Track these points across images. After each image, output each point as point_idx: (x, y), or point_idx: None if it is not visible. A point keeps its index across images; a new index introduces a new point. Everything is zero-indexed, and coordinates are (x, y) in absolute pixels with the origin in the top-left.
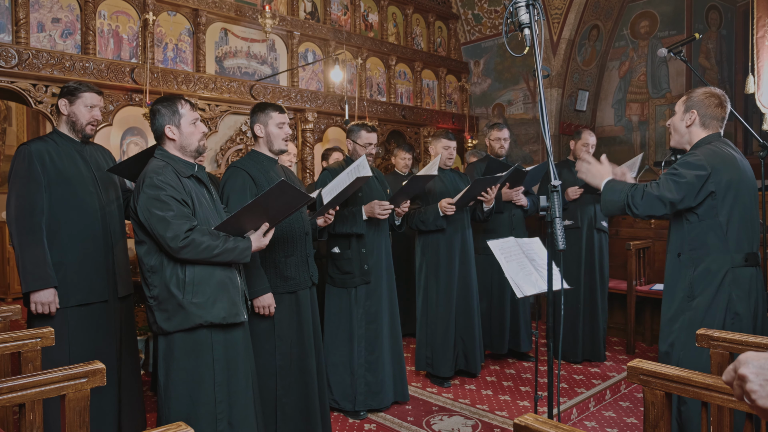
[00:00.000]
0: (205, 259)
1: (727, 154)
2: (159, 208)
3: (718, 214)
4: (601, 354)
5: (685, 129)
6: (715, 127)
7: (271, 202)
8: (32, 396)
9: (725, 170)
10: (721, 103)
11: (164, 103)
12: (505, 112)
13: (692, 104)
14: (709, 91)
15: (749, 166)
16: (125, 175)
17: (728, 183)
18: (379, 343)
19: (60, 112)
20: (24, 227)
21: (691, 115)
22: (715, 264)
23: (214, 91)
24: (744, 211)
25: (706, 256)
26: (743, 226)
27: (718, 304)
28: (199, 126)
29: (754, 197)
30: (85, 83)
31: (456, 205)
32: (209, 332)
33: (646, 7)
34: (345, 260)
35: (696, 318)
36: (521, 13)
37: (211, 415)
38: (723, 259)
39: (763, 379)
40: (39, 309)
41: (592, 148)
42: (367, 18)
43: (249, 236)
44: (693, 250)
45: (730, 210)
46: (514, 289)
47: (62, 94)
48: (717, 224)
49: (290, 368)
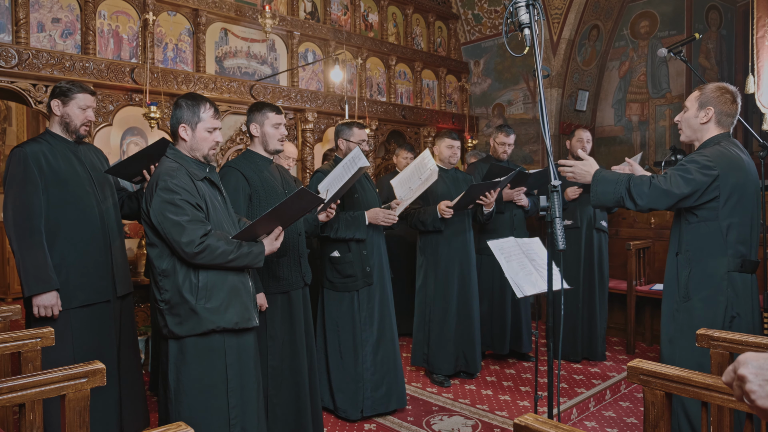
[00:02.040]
0: (220, 264)
1: (734, 155)
2: (173, 212)
3: (718, 217)
4: (601, 354)
5: (700, 126)
6: (727, 126)
7: (288, 209)
8: (32, 396)
9: (732, 173)
10: (734, 99)
11: (189, 100)
12: (505, 112)
13: (707, 101)
14: (723, 87)
15: (754, 166)
16: (122, 175)
17: (733, 187)
18: (384, 345)
19: (52, 113)
20: (23, 231)
21: (707, 112)
22: (711, 266)
23: (214, 91)
24: (745, 216)
25: (703, 258)
26: (744, 231)
27: (712, 307)
28: (215, 135)
29: (757, 200)
30: (78, 83)
31: (454, 209)
32: (222, 337)
33: (646, 7)
34: (346, 264)
35: (690, 319)
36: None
37: (225, 421)
38: (720, 262)
39: (762, 380)
40: (42, 312)
41: (587, 143)
42: (367, 18)
43: (262, 240)
44: (690, 251)
45: (731, 214)
46: (515, 289)
47: (55, 95)
48: (717, 227)
49: (281, 368)
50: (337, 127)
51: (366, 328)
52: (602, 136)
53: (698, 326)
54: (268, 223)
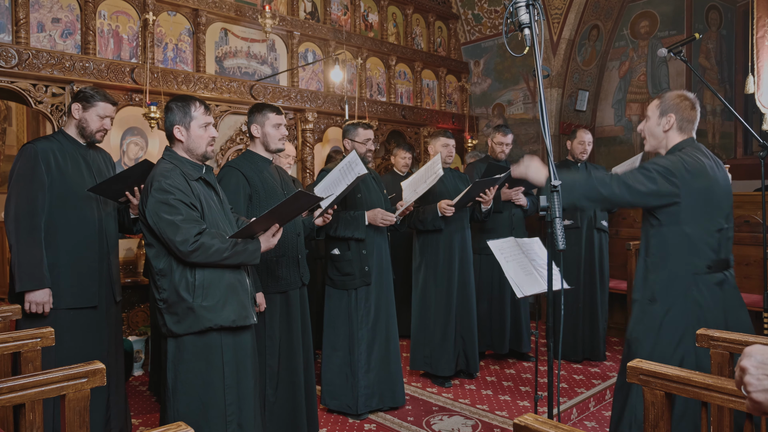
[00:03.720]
0: (215, 262)
1: (697, 161)
2: (168, 212)
3: (680, 222)
4: (602, 354)
5: (663, 134)
6: (689, 131)
7: (286, 210)
8: (32, 396)
9: (695, 180)
10: (693, 105)
11: (178, 102)
12: (505, 112)
13: (668, 108)
14: (682, 94)
15: (723, 173)
16: (106, 194)
17: (697, 192)
18: (379, 344)
19: (71, 115)
20: (24, 227)
21: (668, 119)
22: (675, 271)
23: (214, 91)
24: (711, 221)
25: (668, 262)
26: (710, 235)
27: (677, 312)
28: (210, 131)
29: (722, 205)
30: (102, 92)
31: (455, 206)
32: (219, 335)
33: (646, 7)
34: (345, 262)
35: (654, 322)
36: (521, 13)
37: (222, 418)
38: (684, 266)
39: (761, 374)
40: (33, 309)
41: (588, 145)
42: (367, 18)
43: (258, 237)
44: (655, 255)
45: (695, 219)
46: (514, 289)
47: (77, 99)
48: (679, 231)
49: (278, 368)
50: (344, 128)
51: (362, 326)
52: (602, 136)
53: (661, 329)
54: (266, 223)
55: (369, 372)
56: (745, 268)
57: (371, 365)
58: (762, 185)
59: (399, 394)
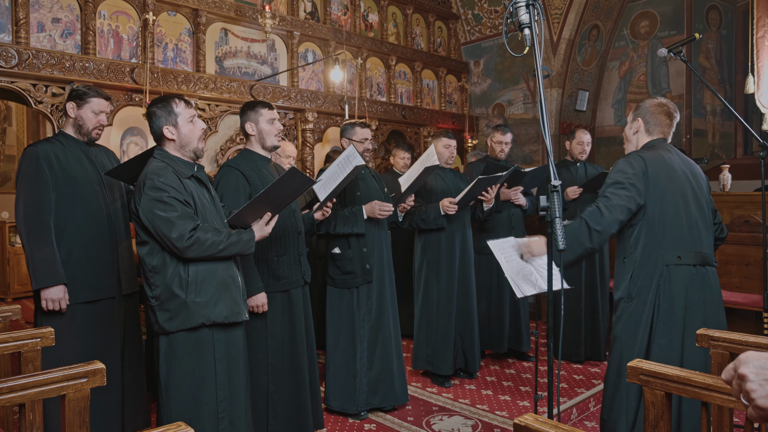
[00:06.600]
0: (212, 255)
1: (657, 156)
2: (162, 209)
3: (646, 214)
4: (602, 354)
5: (633, 136)
6: (658, 133)
7: (280, 190)
8: (32, 396)
9: (658, 177)
10: (667, 111)
11: (158, 104)
12: (505, 112)
13: (639, 113)
14: (659, 102)
15: (692, 168)
16: (122, 178)
17: (654, 185)
18: (381, 342)
19: (67, 115)
20: (33, 226)
21: (636, 123)
22: (649, 264)
23: (214, 91)
24: (676, 211)
25: (641, 257)
26: (676, 225)
27: (650, 307)
28: (198, 123)
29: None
30: (94, 88)
31: (458, 205)
32: (211, 331)
33: (646, 7)
34: (346, 260)
35: (632, 319)
36: (521, 13)
37: (213, 414)
38: (655, 258)
39: (762, 379)
40: (50, 306)
41: (587, 146)
42: (367, 18)
43: (252, 227)
44: (632, 253)
45: (660, 210)
46: (514, 289)
47: (71, 98)
48: (648, 224)
49: (282, 366)
50: (342, 127)
51: (364, 325)
52: (602, 136)
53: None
54: (259, 206)
55: (371, 370)
56: (745, 268)
57: (374, 363)
58: (762, 185)
59: (401, 392)
